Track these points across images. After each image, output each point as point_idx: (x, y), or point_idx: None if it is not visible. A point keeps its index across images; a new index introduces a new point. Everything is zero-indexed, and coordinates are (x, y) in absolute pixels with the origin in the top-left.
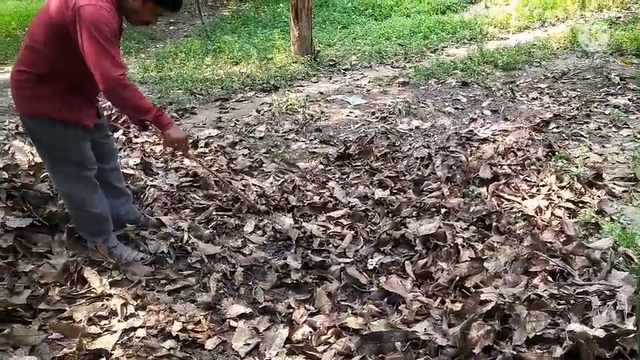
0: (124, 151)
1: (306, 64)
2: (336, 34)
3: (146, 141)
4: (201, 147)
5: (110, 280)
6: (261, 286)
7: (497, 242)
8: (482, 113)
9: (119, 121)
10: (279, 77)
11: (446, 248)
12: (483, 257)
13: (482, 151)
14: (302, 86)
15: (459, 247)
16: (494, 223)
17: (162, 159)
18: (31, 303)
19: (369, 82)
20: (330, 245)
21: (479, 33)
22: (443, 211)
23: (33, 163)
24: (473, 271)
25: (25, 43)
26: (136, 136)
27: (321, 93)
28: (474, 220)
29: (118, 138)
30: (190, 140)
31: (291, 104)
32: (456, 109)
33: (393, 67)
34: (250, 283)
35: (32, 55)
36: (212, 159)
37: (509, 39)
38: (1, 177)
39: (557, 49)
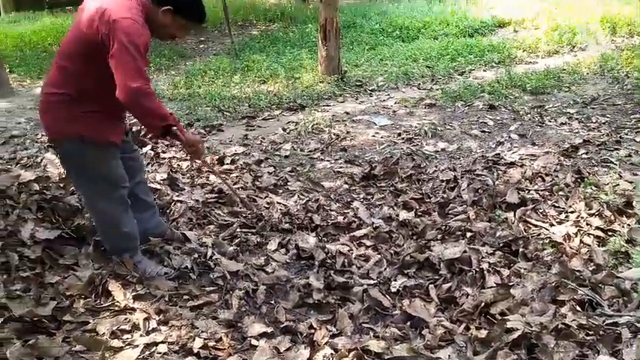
0: (152, 165)
1: (332, 84)
2: (364, 55)
3: (173, 156)
4: (227, 164)
5: (134, 293)
6: (283, 305)
7: (524, 269)
8: (510, 137)
9: (148, 136)
10: (306, 96)
11: (471, 273)
12: (510, 283)
13: (509, 176)
14: (328, 106)
15: (485, 272)
16: (521, 249)
17: (188, 175)
18: (56, 315)
19: (395, 103)
20: (354, 266)
21: (507, 56)
22: (468, 235)
23: (64, 176)
24: (499, 297)
25: (57, 63)
26: (163, 152)
27: (347, 113)
28: (501, 245)
29: (145, 153)
30: (216, 157)
31: (317, 123)
32: (483, 132)
33: (420, 89)
34: (272, 302)
35: (63, 75)
36: (237, 176)
37: (537, 63)
38: (33, 189)
39: (587, 74)
